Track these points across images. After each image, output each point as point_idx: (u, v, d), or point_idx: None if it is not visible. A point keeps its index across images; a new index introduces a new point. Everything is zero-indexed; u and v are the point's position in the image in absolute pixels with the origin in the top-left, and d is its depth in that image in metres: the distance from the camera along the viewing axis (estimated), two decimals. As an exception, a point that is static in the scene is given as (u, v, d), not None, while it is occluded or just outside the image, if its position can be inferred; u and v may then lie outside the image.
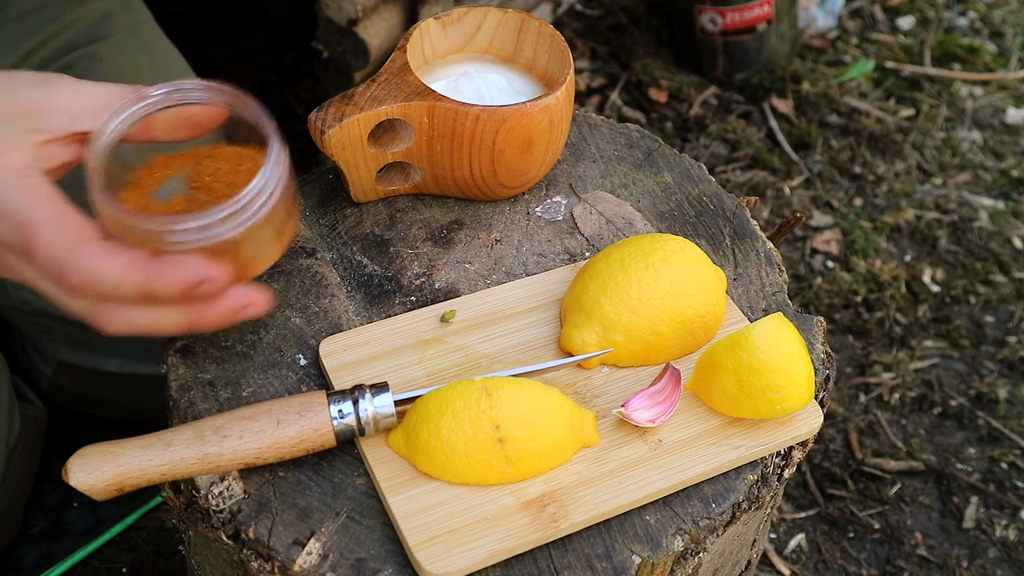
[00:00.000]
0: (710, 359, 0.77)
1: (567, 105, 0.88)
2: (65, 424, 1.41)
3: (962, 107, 2.27)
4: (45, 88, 0.69)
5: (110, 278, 0.64)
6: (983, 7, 2.54)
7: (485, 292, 0.86)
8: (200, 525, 0.73)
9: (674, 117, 2.15)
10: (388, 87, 0.85)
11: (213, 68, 2.06)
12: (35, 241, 0.64)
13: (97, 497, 0.69)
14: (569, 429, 0.74)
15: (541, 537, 0.70)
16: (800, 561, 1.49)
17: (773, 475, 0.78)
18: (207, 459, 0.70)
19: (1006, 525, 1.53)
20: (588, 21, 2.34)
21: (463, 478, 0.72)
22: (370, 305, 0.85)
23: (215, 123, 0.72)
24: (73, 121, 0.68)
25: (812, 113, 2.18)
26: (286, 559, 0.70)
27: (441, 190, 0.92)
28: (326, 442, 0.72)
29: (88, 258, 0.64)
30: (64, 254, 0.64)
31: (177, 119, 0.71)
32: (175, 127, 0.72)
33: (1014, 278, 1.91)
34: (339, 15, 1.66)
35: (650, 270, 0.79)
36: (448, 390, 0.73)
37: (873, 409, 1.68)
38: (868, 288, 1.86)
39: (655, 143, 1.01)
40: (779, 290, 0.89)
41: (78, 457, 0.69)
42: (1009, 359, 1.77)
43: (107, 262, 0.64)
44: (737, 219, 0.94)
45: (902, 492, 1.57)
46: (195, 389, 0.78)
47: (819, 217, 2.00)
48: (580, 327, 0.80)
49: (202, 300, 0.67)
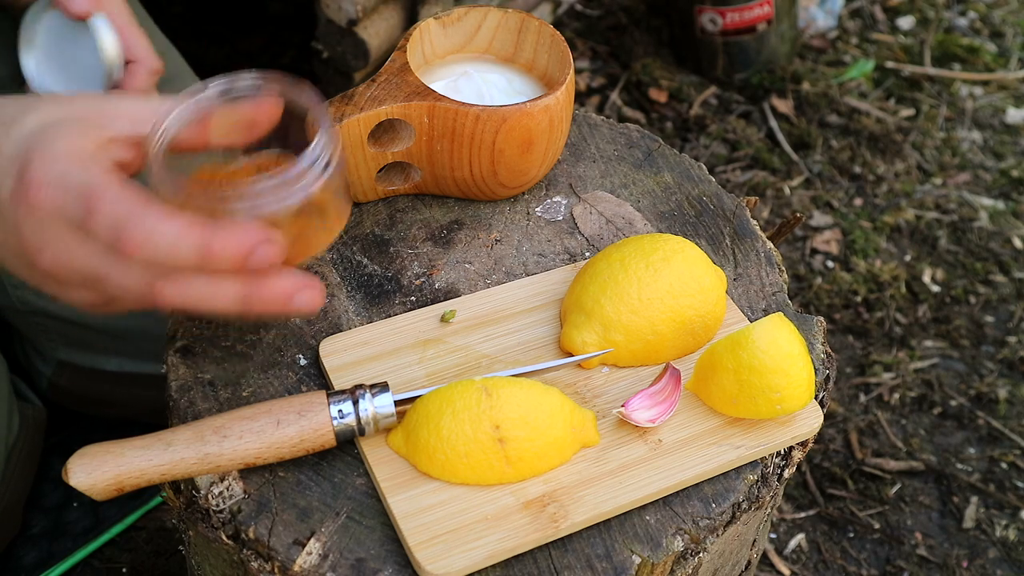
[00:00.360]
0: (710, 359, 0.77)
1: (567, 105, 0.88)
2: (65, 424, 1.41)
3: (962, 107, 2.27)
4: (111, 99, 0.71)
5: (170, 236, 0.64)
6: (983, 7, 2.54)
7: (485, 292, 0.86)
8: (200, 525, 0.73)
9: (674, 117, 2.15)
10: (388, 87, 0.85)
11: (213, 68, 2.06)
12: (97, 202, 0.64)
13: (97, 497, 0.69)
14: (569, 429, 0.74)
15: (541, 537, 0.70)
16: (800, 561, 1.49)
17: (773, 475, 0.78)
18: (207, 459, 0.70)
19: (1006, 525, 1.54)
20: (588, 21, 2.34)
21: (463, 478, 0.72)
22: (370, 305, 0.85)
23: (271, 121, 0.72)
24: (135, 124, 0.69)
25: (812, 113, 2.18)
26: (286, 559, 0.70)
27: (441, 190, 0.92)
28: (326, 442, 0.72)
29: (149, 216, 0.64)
30: (126, 211, 0.64)
31: (234, 118, 0.71)
32: (231, 129, 0.72)
33: (1014, 278, 1.91)
34: (339, 15, 1.66)
35: (650, 270, 0.79)
36: (448, 390, 0.73)
37: (873, 409, 1.68)
38: (868, 288, 1.86)
39: (655, 143, 1.01)
40: (779, 290, 0.89)
41: (78, 457, 0.69)
42: (1009, 359, 1.77)
43: (167, 221, 0.64)
44: (737, 219, 0.94)
45: (902, 492, 1.57)
46: (195, 389, 0.78)
47: (819, 217, 2.00)
48: (580, 327, 0.80)
49: (258, 274, 0.66)
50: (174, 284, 0.66)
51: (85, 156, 0.66)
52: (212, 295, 0.66)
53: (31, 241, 0.66)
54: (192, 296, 0.66)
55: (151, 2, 1.32)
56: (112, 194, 0.64)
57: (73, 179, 0.65)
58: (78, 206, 0.64)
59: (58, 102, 0.70)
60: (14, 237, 0.67)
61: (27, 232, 0.66)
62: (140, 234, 0.64)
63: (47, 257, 0.66)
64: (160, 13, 1.38)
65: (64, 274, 0.67)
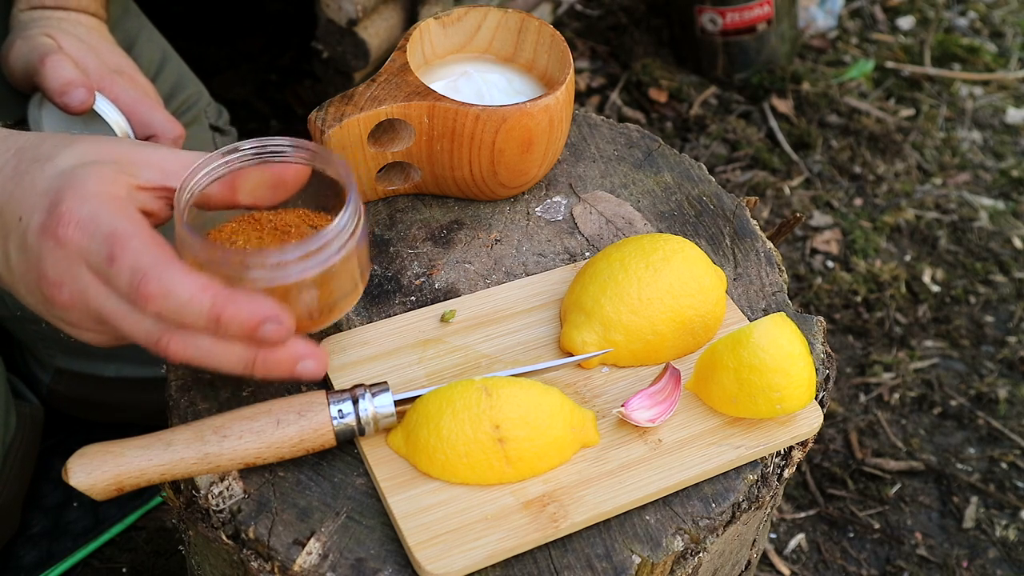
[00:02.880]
0: (711, 357, 0.77)
1: (567, 105, 0.88)
2: (64, 424, 1.41)
3: (962, 107, 2.27)
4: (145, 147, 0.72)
5: (185, 293, 0.65)
6: (983, 7, 2.54)
7: (485, 292, 0.86)
8: (200, 525, 0.73)
9: (674, 117, 2.15)
10: (388, 87, 0.85)
11: (213, 68, 2.07)
12: (121, 248, 0.65)
13: (97, 497, 0.69)
14: (569, 429, 0.74)
15: (541, 537, 0.70)
16: (800, 561, 1.49)
17: (773, 475, 0.78)
18: (207, 459, 0.70)
19: (1006, 525, 1.54)
20: (588, 21, 2.34)
21: (463, 478, 0.72)
22: (370, 305, 0.85)
23: (300, 184, 0.74)
24: (164, 176, 0.70)
25: (812, 113, 2.18)
26: (286, 559, 0.70)
27: (441, 190, 0.92)
28: (326, 442, 0.72)
29: (170, 270, 0.65)
30: (148, 262, 0.65)
31: (264, 177, 0.73)
32: (260, 186, 0.73)
33: (1014, 278, 1.91)
34: (339, 15, 1.66)
35: (650, 270, 0.79)
36: (448, 390, 0.73)
37: (873, 409, 1.68)
38: (868, 288, 1.86)
39: (655, 143, 1.01)
40: (779, 290, 0.89)
41: (78, 457, 0.69)
42: (1009, 359, 1.77)
43: (186, 278, 0.65)
44: (737, 219, 0.94)
45: (902, 492, 1.57)
46: (195, 389, 0.78)
47: (819, 217, 2.00)
48: (580, 327, 0.80)
49: (265, 344, 0.68)
50: (182, 339, 0.67)
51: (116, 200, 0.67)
52: (218, 355, 0.68)
53: (51, 276, 0.67)
54: (198, 353, 0.68)
55: (151, 3, 1.32)
56: (137, 243, 0.66)
57: (102, 221, 0.66)
58: (103, 249, 0.66)
59: (95, 143, 0.71)
60: (35, 271, 0.68)
61: (48, 266, 0.67)
62: (158, 287, 0.65)
63: (64, 294, 0.67)
64: (160, 13, 1.38)
65: (77, 313, 0.68)
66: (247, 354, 0.68)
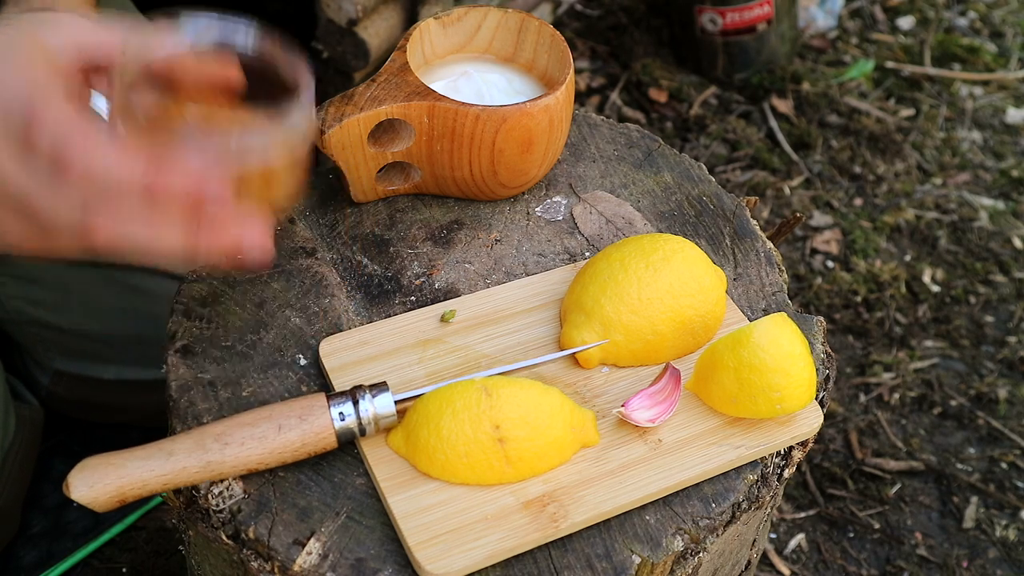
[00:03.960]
0: (711, 357, 0.77)
1: (567, 105, 0.88)
2: (64, 425, 1.41)
3: (962, 107, 2.27)
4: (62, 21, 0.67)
5: (112, 159, 0.59)
6: (983, 7, 2.54)
7: (485, 292, 0.86)
8: (200, 525, 0.73)
9: (674, 117, 2.15)
10: (388, 87, 0.85)
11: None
12: (41, 116, 0.60)
13: (99, 509, 0.68)
14: (569, 429, 0.74)
15: (541, 537, 0.70)
16: (800, 561, 1.49)
17: (773, 475, 0.78)
18: (209, 467, 0.70)
19: (1006, 525, 1.53)
20: (588, 21, 2.34)
21: (463, 478, 0.72)
22: (370, 305, 0.85)
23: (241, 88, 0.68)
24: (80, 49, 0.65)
25: (812, 113, 2.18)
26: (286, 559, 0.70)
27: (441, 190, 0.92)
28: (328, 445, 0.72)
29: (93, 138, 0.60)
30: (68, 130, 0.60)
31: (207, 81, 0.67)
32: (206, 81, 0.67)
33: (1014, 278, 1.91)
34: (339, 15, 1.66)
35: (650, 270, 0.79)
36: (448, 390, 0.73)
37: (873, 409, 1.68)
38: (868, 288, 1.86)
39: (655, 143, 1.01)
40: (779, 290, 0.89)
41: (79, 470, 0.68)
42: (1009, 359, 1.77)
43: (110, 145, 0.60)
44: (737, 219, 0.94)
45: (902, 492, 1.57)
46: (195, 389, 0.78)
47: (819, 217, 2.00)
48: (580, 327, 0.80)
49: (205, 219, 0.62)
50: (112, 217, 0.60)
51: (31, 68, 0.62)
52: (153, 234, 0.61)
53: None
54: (131, 233, 0.61)
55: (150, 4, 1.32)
56: (56, 112, 0.60)
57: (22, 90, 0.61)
58: (20, 119, 0.60)
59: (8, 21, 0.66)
60: None
61: None
62: (80, 154, 0.59)
63: None
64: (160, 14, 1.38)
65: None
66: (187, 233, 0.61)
